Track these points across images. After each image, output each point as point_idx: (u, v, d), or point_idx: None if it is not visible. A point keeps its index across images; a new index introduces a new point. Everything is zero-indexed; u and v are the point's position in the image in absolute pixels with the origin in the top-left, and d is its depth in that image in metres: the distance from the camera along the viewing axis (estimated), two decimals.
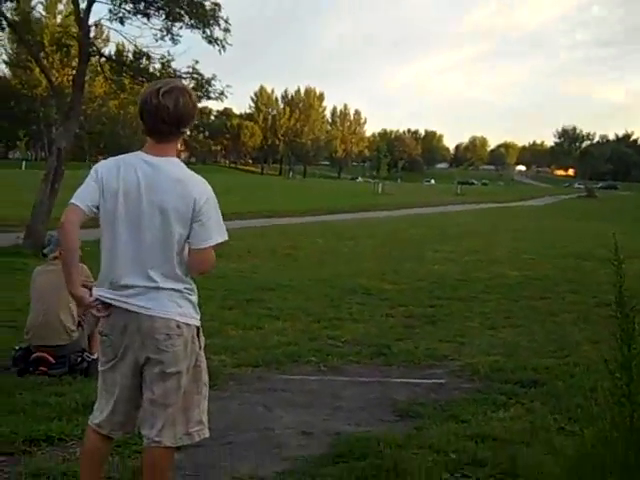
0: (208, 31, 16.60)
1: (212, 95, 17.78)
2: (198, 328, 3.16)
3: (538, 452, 4.04)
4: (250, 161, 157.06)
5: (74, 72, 17.06)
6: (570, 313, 9.14)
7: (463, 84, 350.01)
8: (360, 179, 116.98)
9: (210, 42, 16.75)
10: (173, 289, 3.03)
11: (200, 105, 19.96)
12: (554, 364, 6.40)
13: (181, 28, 16.74)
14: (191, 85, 17.47)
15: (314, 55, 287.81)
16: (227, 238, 3.09)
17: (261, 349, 6.76)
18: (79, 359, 5.87)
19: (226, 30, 16.73)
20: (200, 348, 3.18)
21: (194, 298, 3.13)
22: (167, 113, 2.98)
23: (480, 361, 6.49)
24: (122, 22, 16.44)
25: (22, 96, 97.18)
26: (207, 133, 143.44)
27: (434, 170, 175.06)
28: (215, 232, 3.04)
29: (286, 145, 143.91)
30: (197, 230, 3.00)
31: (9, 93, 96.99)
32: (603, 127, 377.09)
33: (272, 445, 4.41)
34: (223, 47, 16.80)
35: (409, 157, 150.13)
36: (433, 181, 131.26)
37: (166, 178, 3.00)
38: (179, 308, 3.04)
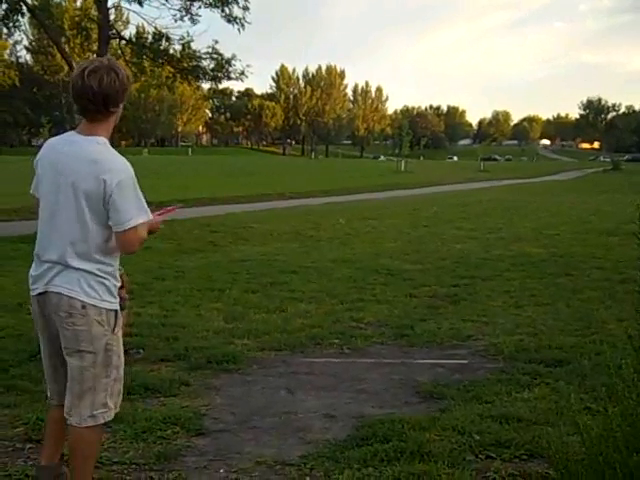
0: (227, 9, 16.53)
1: (232, 75, 17.71)
2: (114, 312, 3.20)
3: (563, 432, 4.02)
4: (272, 142, 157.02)
5: (95, 56, 17.07)
6: (596, 290, 9.04)
7: (485, 57, 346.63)
8: (382, 157, 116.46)
9: (229, 21, 16.66)
10: (85, 270, 3.09)
11: (221, 86, 19.83)
12: (579, 342, 6.36)
13: (200, 7, 16.71)
14: (211, 66, 17.45)
15: (335, 32, 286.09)
16: (149, 218, 3.14)
17: (284, 332, 6.77)
18: None
19: (245, 8, 16.63)
20: (113, 332, 3.19)
21: (110, 282, 3.17)
22: (92, 93, 3.05)
23: (504, 341, 6.46)
24: (140, 3, 16.46)
25: (44, 82, 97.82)
26: (229, 114, 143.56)
27: (457, 147, 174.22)
28: (133, 214, 3.06)
29: (308, 125, 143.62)
30: (113, 212, 3.04)
31: (31, 79, 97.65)
32: (629, 97, 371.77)
33: (296, 429, 4.43)
34: (242, 25, 16.72)
35: (432, 134, 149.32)
36: (456, 158, 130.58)
37: (82, 158, 3.07)
38: (88, 289, 3.10)
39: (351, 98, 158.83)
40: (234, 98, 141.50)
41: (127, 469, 3.80)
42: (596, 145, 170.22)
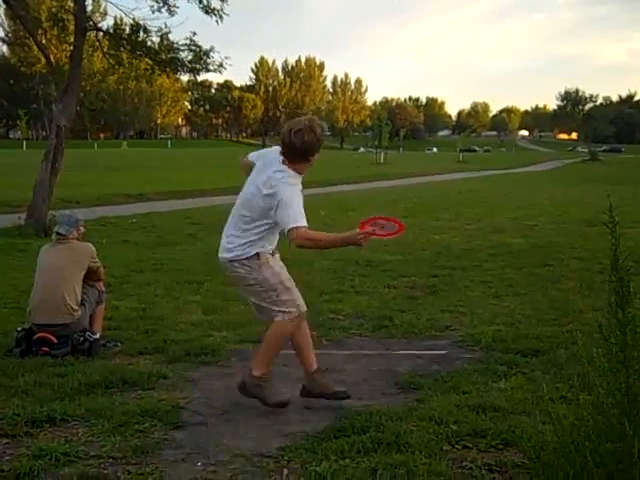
0: (205, 1, 16.38)
1: (211, 67, 17.57)
2: (253, 255, 4.55)
3: (537, 422, 4.05)
4: (252, 134, 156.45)
5: (72, 48, 16.87)
6: (573, 280, 9.11)
7: (464, 48, 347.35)
8: (362, 149, 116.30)
9: (207, 12, 16.49)
10: (238, 244, 4.55)
11: (200, 78, 19.71)
12: (556, 332, 6.41)
13: None
14: (189, 57, 17.31)
15: (315, 24, 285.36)
16: (303, 224, 4.33)
17: (262, 324, 6.74)
18: (81, 339, 5.88)
19: None
20: (256, 270, 4.58)
21: (250, 249, 4.55)
22: (296, 148, 4.40)
23: (482, 331, 6.50)
24: None
25: (21, 74, 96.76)
26: (208, 107, 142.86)
27: (436, 138, 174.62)
28: (291, 222, 4.32)
29: (287, 117, 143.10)
30: (278, 220, 4.39)
31: (8, 71, 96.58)
32: (606, 88, 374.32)
33: (274, 421, 4.44)
34: (220, 17, 16.54)
35: (411, 125, 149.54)
36: (435, 149, 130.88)
37: (267, 178, 4.44)
38: (239, 252, 4.54)
39: (330, 90, 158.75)
40: (213, 90, 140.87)
41: (104, 463, 3.77)
42: (574, 136, 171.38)
